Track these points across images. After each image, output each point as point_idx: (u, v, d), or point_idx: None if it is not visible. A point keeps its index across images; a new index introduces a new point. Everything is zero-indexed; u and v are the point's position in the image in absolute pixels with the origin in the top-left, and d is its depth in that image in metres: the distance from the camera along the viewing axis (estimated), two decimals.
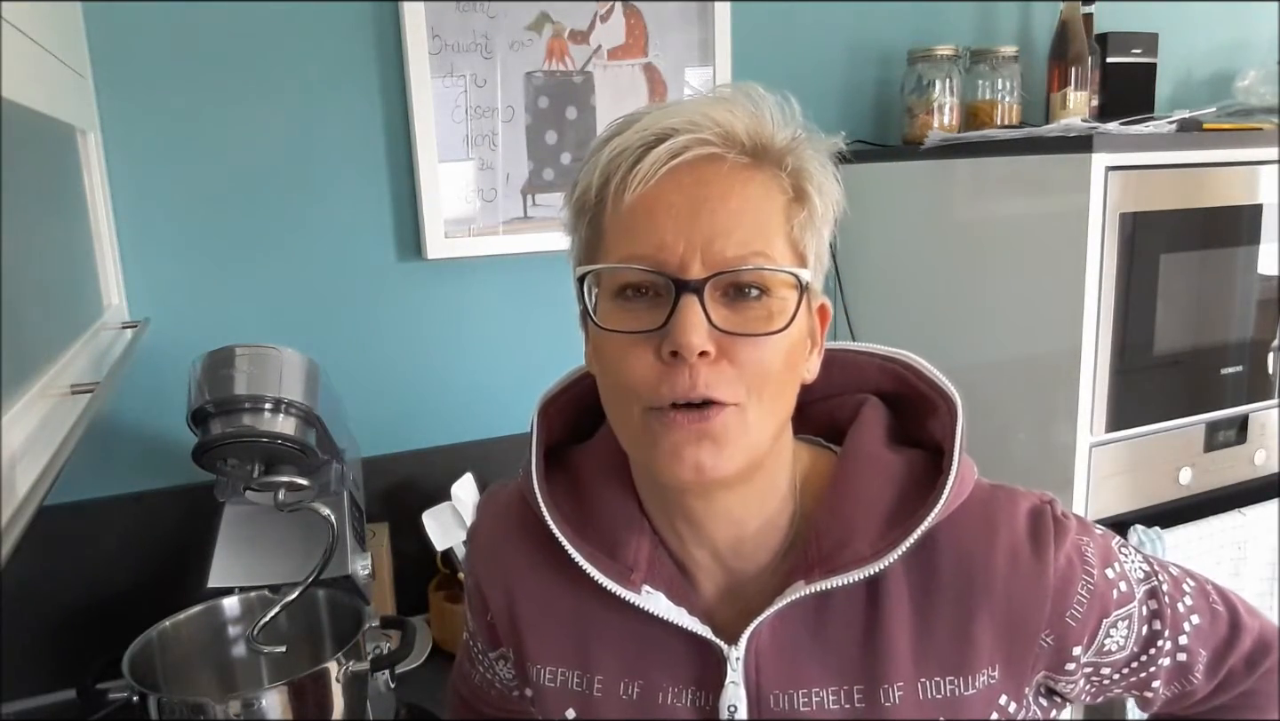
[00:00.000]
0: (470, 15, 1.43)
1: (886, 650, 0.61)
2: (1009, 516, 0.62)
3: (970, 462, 0.64)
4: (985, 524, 0.62)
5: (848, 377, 0.69)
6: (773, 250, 0.56)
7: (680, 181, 0.55)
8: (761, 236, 0.56)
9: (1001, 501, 0.63)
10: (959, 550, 0.61)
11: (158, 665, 1.10)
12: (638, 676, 0.64)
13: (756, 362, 0.55)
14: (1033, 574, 0.60)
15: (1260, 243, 1.42)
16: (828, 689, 0.61)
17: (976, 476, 0.64)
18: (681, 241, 0.54)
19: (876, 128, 1.78)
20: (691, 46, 1.59)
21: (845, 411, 0.68)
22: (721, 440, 0.55)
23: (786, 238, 0.57)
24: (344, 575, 1.13)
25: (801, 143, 0.59)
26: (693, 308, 0.53)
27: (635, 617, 0.63)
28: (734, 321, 0.55)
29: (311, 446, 1.05)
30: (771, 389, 0.57)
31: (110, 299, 1.19)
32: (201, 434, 1.02)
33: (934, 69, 1.62)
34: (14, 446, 0.56)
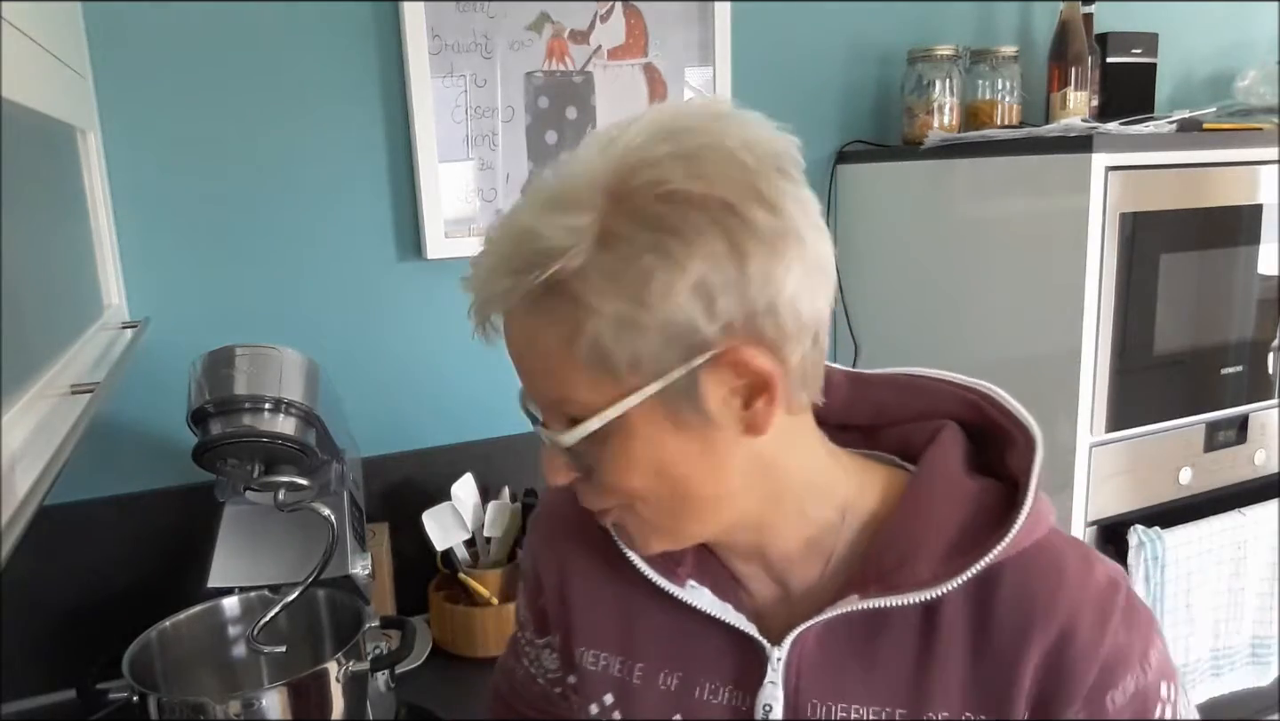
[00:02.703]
0: (470, 15, 1.43)
1: (936, 679, 0.59)
2: (1080, 571, 0.59)
3: (1047, 503, 0.61)
4: (1054, 570, 0.58)
5: (924, 403, 0.66)
6: (572, 391, 0.52)
7: (504, 331, 0.55)
8: (553, 384, 0.53)
9: (1075, 555, 0.60)
10: (1023, 590, 0.58)
11: (158, 665, 1.10)
12: (678, 668, 0.65)
13: (614, 486, 0.56)
14: (1091, 638, 0.56)
15: (1260, 243, 1.42)
16: (869, 707, 0.60)
17: (1053, 523, 0.61)
18: (526, 382, 0.56)
19: (876, 128, 1.78)
20: (691, 46, 1.59)
21: (921, 436, 0.64)
22: (629, 531, 0.59)
23: (584, 367, 0.51)
24: (344, 575, 1.13)
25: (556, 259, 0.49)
26: (545, 452, 0.57)
27: (679, 611, 0.63)
28: (575, 458, 0.56)
29: (311, 446, 1.05)
30: (651, 495, 0.55)
31: (110, 299, 1.19)
32: (201, 434, 1.02)
33: (934, 69, 1.62)
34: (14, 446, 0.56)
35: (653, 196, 0.49)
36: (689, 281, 0.48)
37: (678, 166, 0.49)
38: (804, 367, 0.54)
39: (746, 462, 0.56)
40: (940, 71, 1.62)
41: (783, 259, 0.50)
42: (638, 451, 0.53)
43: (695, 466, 0.54)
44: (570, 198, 0.50)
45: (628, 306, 0.48)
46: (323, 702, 1.03)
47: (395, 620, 1.21)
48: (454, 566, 1.42)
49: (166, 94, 1.31)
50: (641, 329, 0.49)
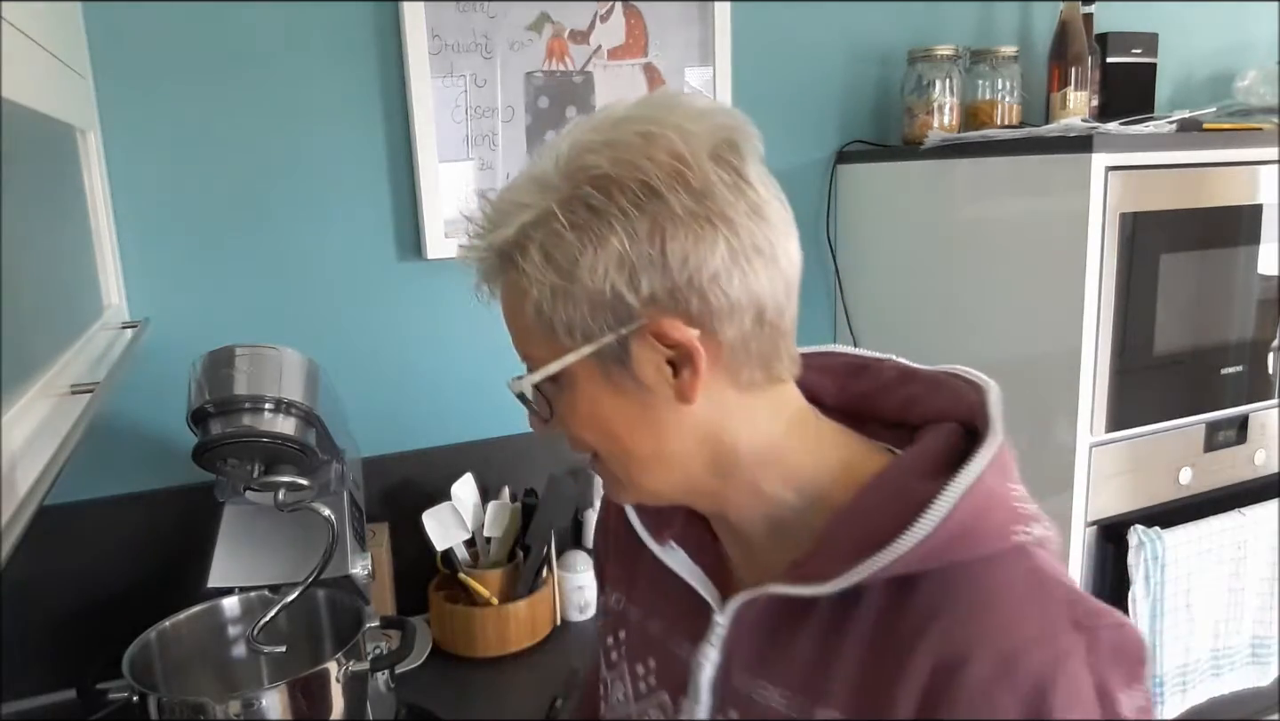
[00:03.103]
0: (470, 15, 1.43)
1: (834, 675, 0.57)
2: (1012, 617, 0.52)
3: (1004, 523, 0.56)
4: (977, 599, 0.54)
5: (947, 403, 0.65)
6: (535, 349, 0.59)
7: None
8: (518, 338, 0.60)
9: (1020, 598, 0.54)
10: (930, 606, 0.54)
11: (157, 665, 1.10)
12: (661, 617, 0.71)
13: (572, 437, 0.62)
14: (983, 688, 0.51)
15: (1260, 243, 1.42)
16: (779, 690, 0.60)
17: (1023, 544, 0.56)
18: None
19: (876, 128, 1.78)
20: (691, 46, 1.59)
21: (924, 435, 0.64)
22: (608, 481, 0.64)
23: (540, 330, 0.57)
24: (344, 575, 1.13)
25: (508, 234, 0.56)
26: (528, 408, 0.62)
27: (665, 566, 0.69)
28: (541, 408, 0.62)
29: (311, 446, 1.05)
30: (606, 451, 0.61)
31: (110, 299, 1.19)
32: (201, 434, 1.02)
33: (934, 69, 1.62)
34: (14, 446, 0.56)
35: (586, 180, 0.54)
36: (612, 258, 0.54)
37: (611, 153, 0.54)
38: (746, 346, 0.57)
39: (687, 430, 0.59)
40: (940, 71, 1.62)
41: (704, 240, 0.54)
42: (582, 407, 0.59)
43: (634, 427, 0.59)
44: (533, 177, 0.57)
45: (559, 279, 0.55)
46: (323, 702, 1.03)
47: (395, 620, 1.21)
48: (454, 566, 1.42)
49: (166, 94, 1.31)
50: (572, 298, 0.55)
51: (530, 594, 1.40)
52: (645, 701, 0.71)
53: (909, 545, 0.53)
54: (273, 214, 1.39)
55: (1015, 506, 0.57)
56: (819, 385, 0.68)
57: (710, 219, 0.54)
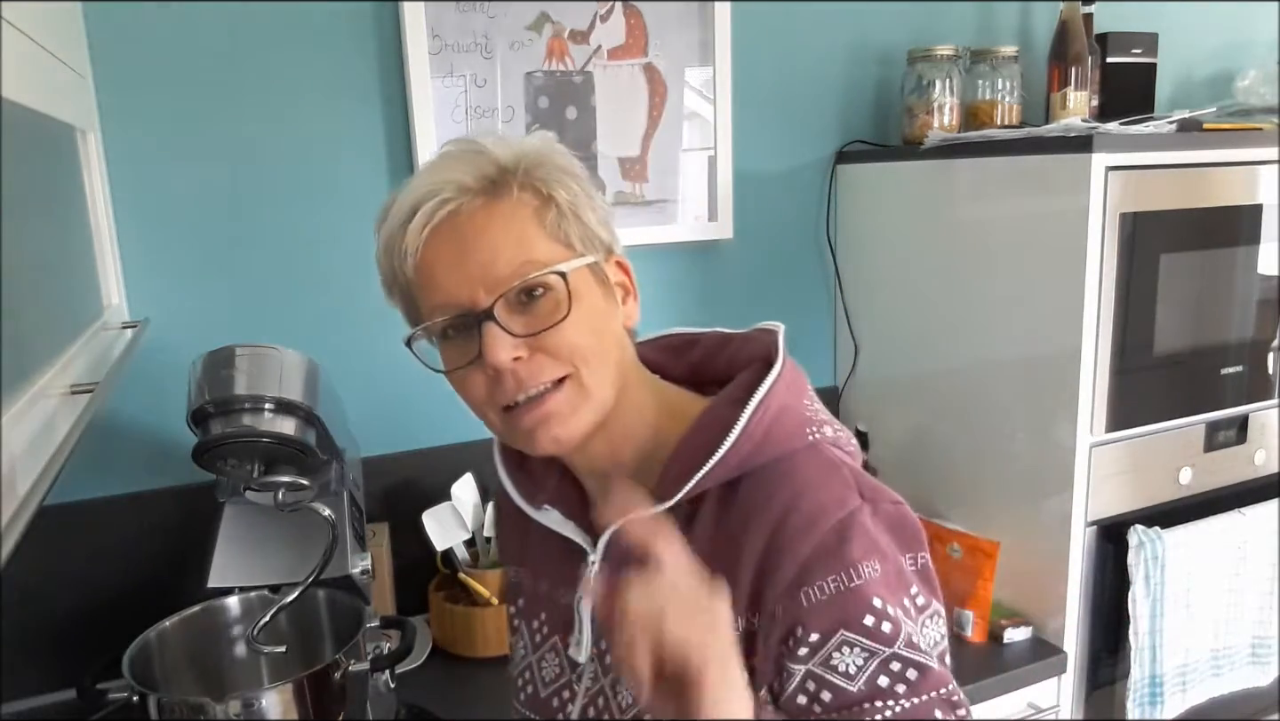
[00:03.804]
0: (470, 15, 1.43)
1: None
2: (811, 483, 0.67)
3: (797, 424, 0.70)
4: (784, 477, 0.67)
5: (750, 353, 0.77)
6: (537, 254, 0.67)
7: (444, 236, 0.67)
8: (522, 249, 0.67)
9: (818, 472, 0.68)
10: (751, 496, 0.67)
11: (157, 665, 1.10)
12: (546, 576, 0.80)
13: (565, 344, 0.67)
14: (793, 536, 0.64)
15: (1260, 242, 1.42)
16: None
17: (817, 441, 0.70)
18: (464, 282, 0.66)
19: (876, 128, 1.78)
20: (691, 46, 1.59)
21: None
22: (564, 413, 0.68)
23: (547, 238, 0.67)
24: (344, 575, 1.13)
25: (525, 159, 0.68)
26: (491, 331, 0.66)
27: (545, 529, 0.77)
28: (530, 323, 0.67)
29: (311, 446, 1.05)
30: (591, 353, 0.68)
31: (110, 299, 1.19)
32: (201, 434, 1.02)
33: (934, 69, 1.62)
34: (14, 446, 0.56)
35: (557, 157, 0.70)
36: (597, 201, 0.70)
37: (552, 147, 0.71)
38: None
39: (620, 341, 0.72)
40: (940, 71, 1.62)
41: (603, 202, 0.72)
42: (584, 309, 0.67)
43: (606, 329, 0.70)
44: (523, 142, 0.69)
45: (578, 201, 0.68)
46: (323, 702, 1.03)
47: (395, 620, 1.21)
48: (454, 566, 1.42)
49: (166, 94, 1.31)
50: (582, 220, 0.69)
51: None
52: (541, 649, 0.80)
53: (722, 452, 0.67)
54: (273, 214, 1.39)
55: (806, 414, 0.71)
56: (663, 362, 0.79)
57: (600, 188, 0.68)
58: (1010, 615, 1.45)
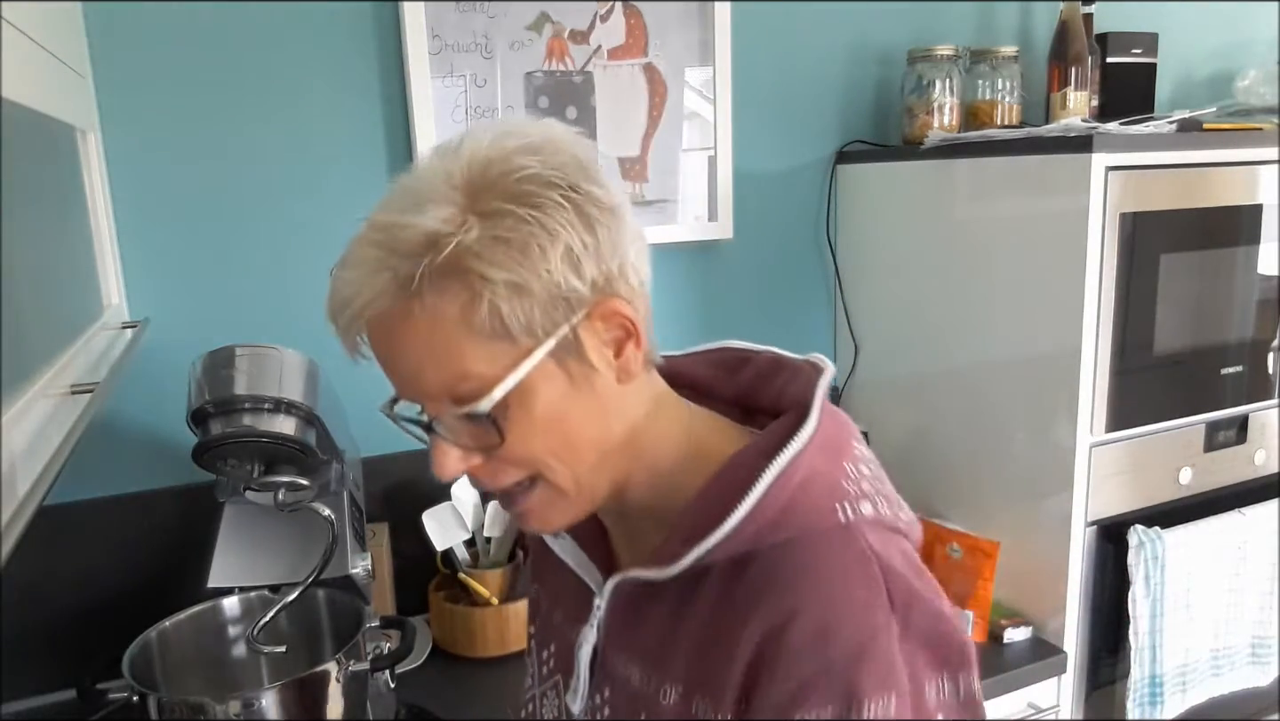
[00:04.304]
0: (470, 15, 1.43)
1: (678, 650, 0.61)
2: (831, 579, 0.56)
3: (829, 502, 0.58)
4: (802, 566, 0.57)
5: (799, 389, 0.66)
6: (468, 364, 0.55)
7: (373, 339, 0.58)
8: (450, 362, 0.55)
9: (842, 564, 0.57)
10: (763, 577, 0.57)
11: (158, 665, 1.10)
12: (560, 605, 0.74)
13: (516, 456, 0.59)
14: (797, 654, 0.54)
15: (1260, 243, 1.42)
16: (639, 666, 0.64)
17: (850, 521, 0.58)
18: (402, 386, 0.60)
19: (876, 128, 1.78)
20: (691, 46, 1.59)
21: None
22: (540, 511, 0.62)
23: (480, 341, 0.55)
24: (344, 575, 1.13)
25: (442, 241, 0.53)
26: (438, 444, 0.59)
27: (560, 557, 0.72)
28: (478, 435, 0.58)
29: (311, 446, 1.05)
30: (557, 457, 0.59)
31: (110, 299, 1.19)
32: (201, 434, 1.02)
33: (934, 69, 1.62)
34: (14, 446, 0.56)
35: (513, 181, 0.55)
36: (560, 247, 0.54)
37: (528, 156, 0.56)
38: (647, 324, 0.60)
39: (618, 414, 0.61)
40: (940, 71, 1.62)
41: (618, 226, 0.58)
42: (540, 410, 0.57)
43: (588, 418, 0.60)
44: (429, 197, 0.55)
45: (517, 273, 0.54)
46: (323, 702, 1.03)
47: (395, 620, 1.21)
48: (454, 566, 1.42)
49: (166, 94, 1.31)
50: (530, 293, 0.54)
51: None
52: (545, 684, 0.75)
53: (730, 527, 0.57)
54: (273, 214, 1.39)
55: (842, 485, 0.59)
56: (712, 380, 0.71)
57: (615, 210, 0.57)
58: (1010, 615, 1.45)
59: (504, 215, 0.54)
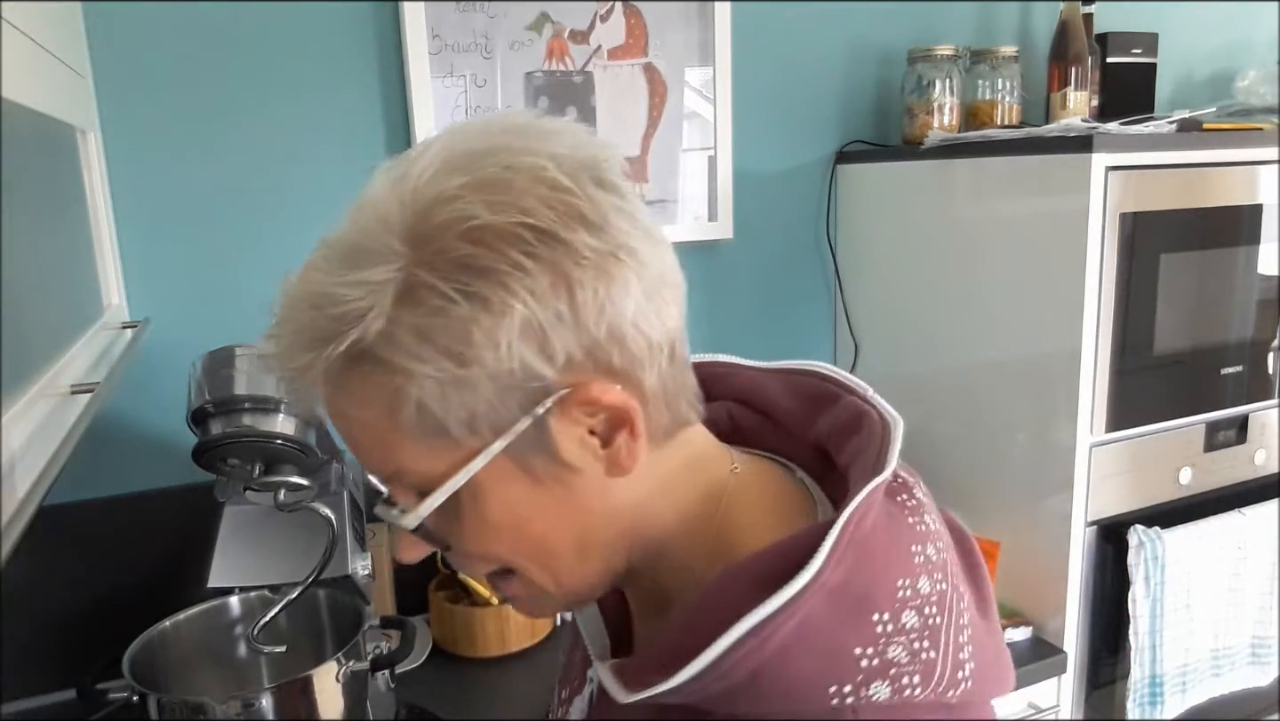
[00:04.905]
0: (470, 15, 1.43)
1: None
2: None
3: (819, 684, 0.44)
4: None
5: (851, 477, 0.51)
6: (405, 461, 0.46)
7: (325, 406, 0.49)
8: (388, 454, 0.46)
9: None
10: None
11: (158, 665, 1.10)
12: (578, 647, 0.63)
13: (480, 555, 0.50)
14: None
15: (1260, 243, 1.42)
16: None
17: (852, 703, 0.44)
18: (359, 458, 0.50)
19: (876, 128, 1.78)
20: (691, 46, 1.59)
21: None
22: (525, 600, 0.53)
23: (411, 440, 0.45)
24: (344, 575, 1.13)
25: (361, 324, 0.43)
26: (397, 531, 0.50)
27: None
28: (439, 524, 0.49)
29: (311, 446, 1.05)
30: (524, 555, 0.50)
31: (110, 299, 1.19)
32: (201, 434, 1.02)
33: (934, 69, 1.62)
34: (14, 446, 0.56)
35: (456, 236, 0.43)
36: (514, 325, 0.43)
37: (478, 198, 0.43)
38: (664, 388, 0.48)
39: (613, 508, 0.49)
40: (940, 71, 1.62)
41: (616, 280, 0.44)
42: (494, 515, 0.48)
43: (560, 520, 0.49)
44: (365, 248, 0.45)
45: (449, 364, 0.43)
46: (323, 702, 1.03)
47: (395, 620, 1.21)
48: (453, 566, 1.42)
49: (166, 94, 1.31)
50: (470, 385, 0.43)
51: None
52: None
53: (677, 682, 0.44)
54: (273, 213, 1.39)
55: (848, 654, 0.44)
56: (795, 414, 0.58)
57: (615, 254, 0.44)
58: (1010, 615, 1.45)
59: (439, 286, 0.43)
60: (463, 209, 0.43)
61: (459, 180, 0.44)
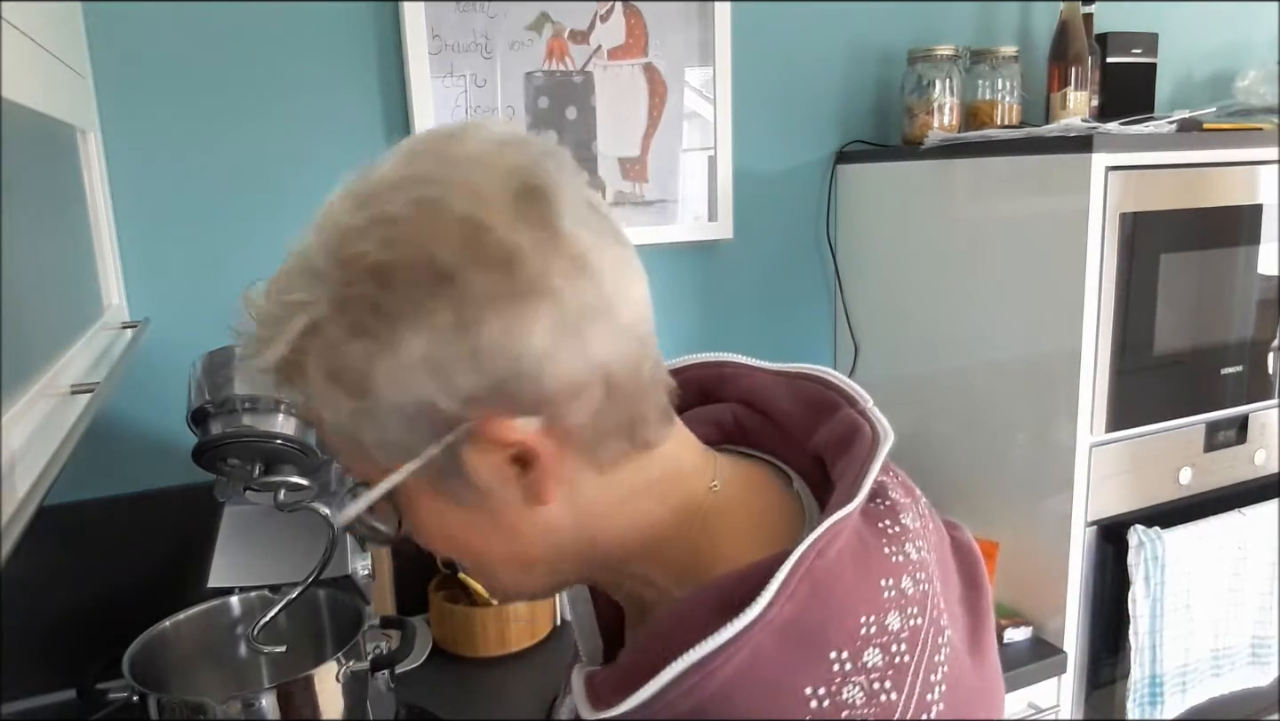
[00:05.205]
0: (470, 15, 1.43)
1: None
2: None
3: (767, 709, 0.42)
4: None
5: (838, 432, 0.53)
6: (355, 465, 0.49)
7: None
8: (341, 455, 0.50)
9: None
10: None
11: (158, 665, 1.10)
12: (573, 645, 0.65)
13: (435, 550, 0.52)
14: None
15: (1260, 243, 1.42)
16: None
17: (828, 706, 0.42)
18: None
19: (876, 128, 1.78)
20: (691, 46, 1.59)
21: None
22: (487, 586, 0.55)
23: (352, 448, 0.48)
24: (344, 575, 1.13)
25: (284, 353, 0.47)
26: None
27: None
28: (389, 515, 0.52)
29: (311, 446, 1.05)
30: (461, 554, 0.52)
31: (110, 299, 1.19)
32: (201, 434, 1.02)
33: (934, 69, 1.62)
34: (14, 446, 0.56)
35: (361, 272, 0.44)
36: (411, 362, 0.43)
37: (383, 234, 0.44)
38: (598, 424, 0.47)
39: (547, 529, 0.49)
40: (940, 71, 1.62)
41: (522, 319, 0.43)
42: (425, 522, 0.50)
43: (488, 538, 0.50)
44: (294, 272, 0.48)
45: (353, 400, 0.45)
46: (323, 702, 1.03)
47: (395, 620, 1.21)
48: (454, 566, 1.42)
49: (166, 94, 1.31)
50: (375, 416, 0.45)
51: None
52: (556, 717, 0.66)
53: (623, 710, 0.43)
54: (273, 213, 1.39)
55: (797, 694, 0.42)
56: (797, 419, 0.57)
57: (524, 294, 0.43)
58: (1010, 615, 1.45)
59: (340, 325, 0.44)
60: (366, 246, 0.44)
61: (366, 215, 0.45)
